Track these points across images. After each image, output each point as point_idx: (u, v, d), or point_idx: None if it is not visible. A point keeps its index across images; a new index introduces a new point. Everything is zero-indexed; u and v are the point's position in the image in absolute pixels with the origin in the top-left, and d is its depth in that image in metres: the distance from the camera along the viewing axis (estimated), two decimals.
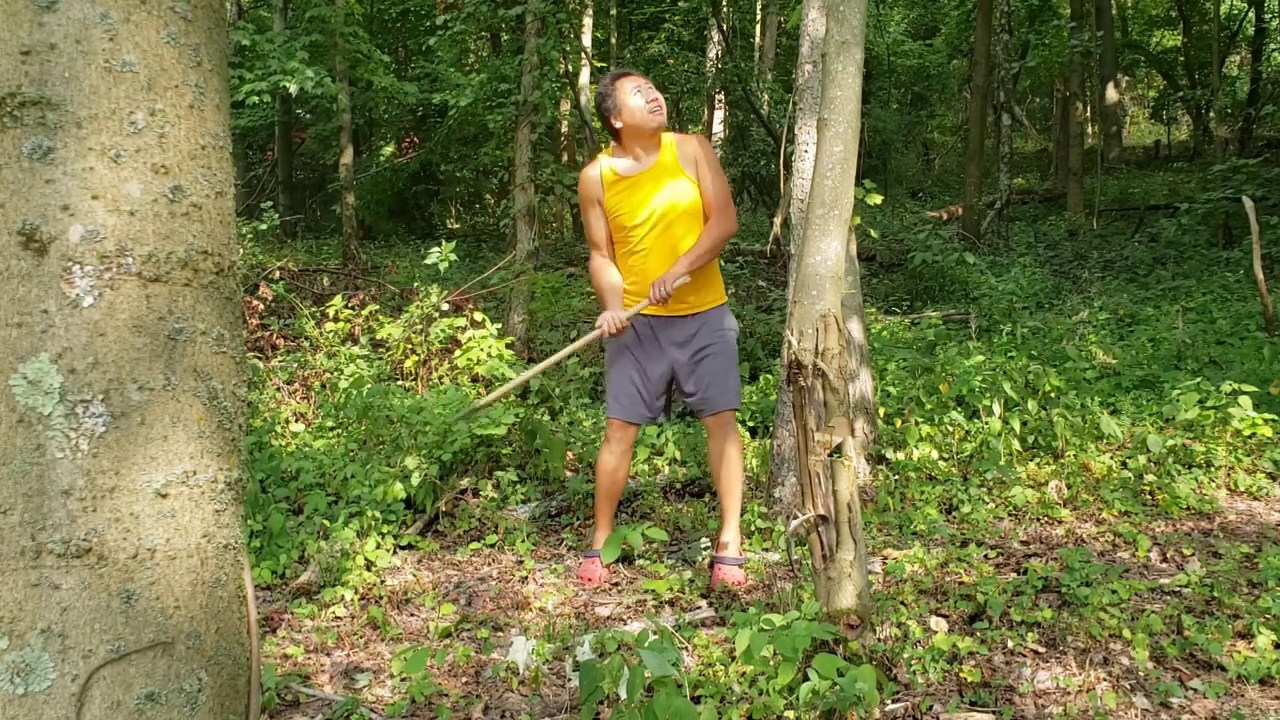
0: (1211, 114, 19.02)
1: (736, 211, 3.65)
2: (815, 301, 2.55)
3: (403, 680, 2.79)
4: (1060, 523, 4.00)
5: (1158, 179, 18.55)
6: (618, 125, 3.50)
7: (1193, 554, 3.55)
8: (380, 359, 6.52)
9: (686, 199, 3.51)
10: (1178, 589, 3.20)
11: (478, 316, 6.63)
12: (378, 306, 7.45)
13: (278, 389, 5.87)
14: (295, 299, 7.94)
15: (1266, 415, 4.54)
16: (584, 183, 3.61)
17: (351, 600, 3.40)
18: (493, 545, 4.04)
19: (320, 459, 4.48)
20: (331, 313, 6.81)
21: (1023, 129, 20.93)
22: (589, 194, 3.60)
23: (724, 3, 15.60)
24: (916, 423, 4.83)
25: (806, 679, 2.31)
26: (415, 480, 4.16)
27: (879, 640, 2.62)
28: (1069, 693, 2.55)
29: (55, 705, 1.42)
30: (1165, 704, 2.49)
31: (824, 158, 2.60)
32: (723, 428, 3.63)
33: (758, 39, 18.58)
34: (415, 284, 7.81)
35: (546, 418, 5.08)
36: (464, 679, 2.82)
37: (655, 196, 3.51)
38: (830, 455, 2.51)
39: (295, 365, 6.29)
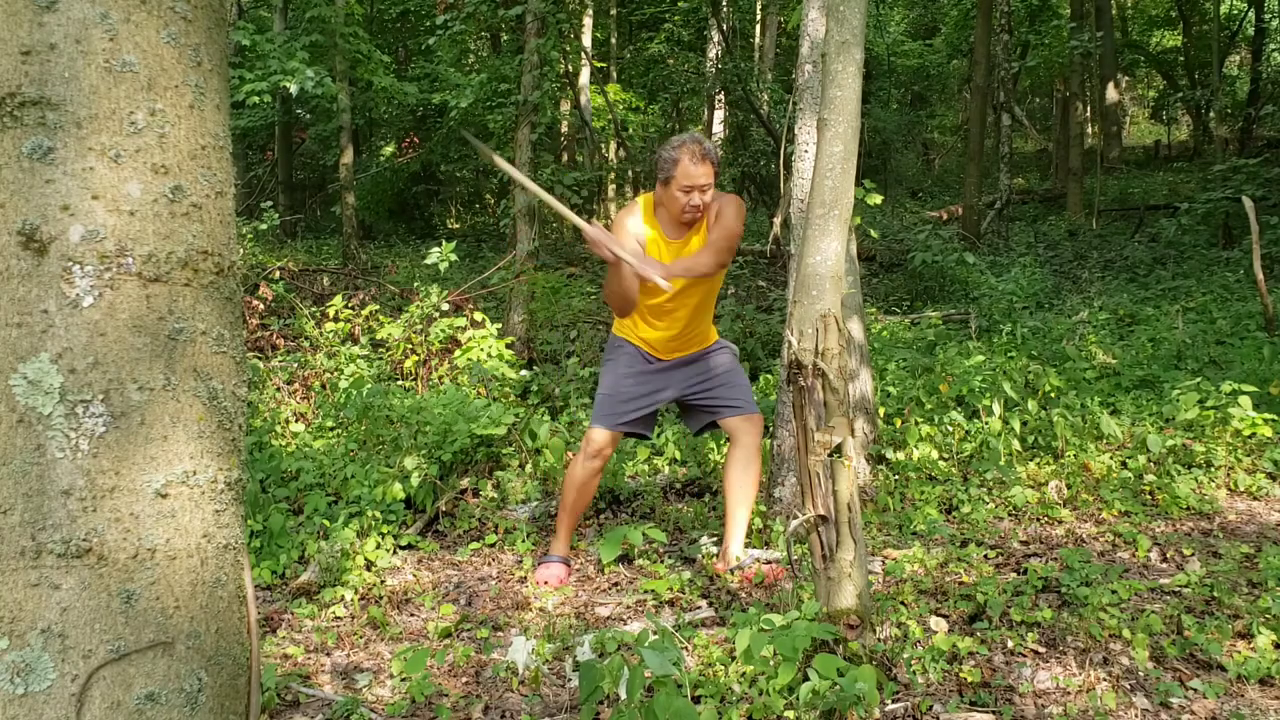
0: (1211, 114, 19.02)
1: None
2: (815, 301, 2.55)
3: (403, 680, 2.79)
4: (1060, 523, 4.00)
5: (1158, 179, 18.55)
6: (659, 188, 3.44)
7: (1193, 554, 3.55)
8: (380, 359, 6.51)
9: (719, 275, 3.54)
10: (1178, 589, 3.20)
11: (478, 316, 6.63)
12: (378, 306, 7.45)
13: (278, 389, 5.87)
14: (295, 299, 7.94)
15: (1266, 415, 4.54)
16: (627, 224, 3.45)
17: (351, 600, 3.40)
18: (493, 545, 4.04)
19: (320, 459, 4.48)
20: (331, 313, 6.81)
21: (1023, 129, 20.94)
22: (628, 231, 3.44)
23: (724, 3, 15.59)
24: (916, 423, 4.83)
25: (806, 679, 2.31)
26: (415, 480, 4.16)
27: (879, 640, 2.62)
28: (1069, 693, 2.55)
29: (55, 705, 1.42)
30: (1165, 704, 2.49)
31: (824, 158, 2.60)
32: (755, 431, 3.62)
33: (758, 39, 18.58)
34: (415, 284, 7.81)
35: (547, 418, 5.08)
36: (464, 679, 2.82)
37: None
38: (830, 455, 2.51)
39: (295, 365, 6.29)
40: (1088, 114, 20.67)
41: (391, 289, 9.50)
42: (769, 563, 3.53)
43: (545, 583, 3.56)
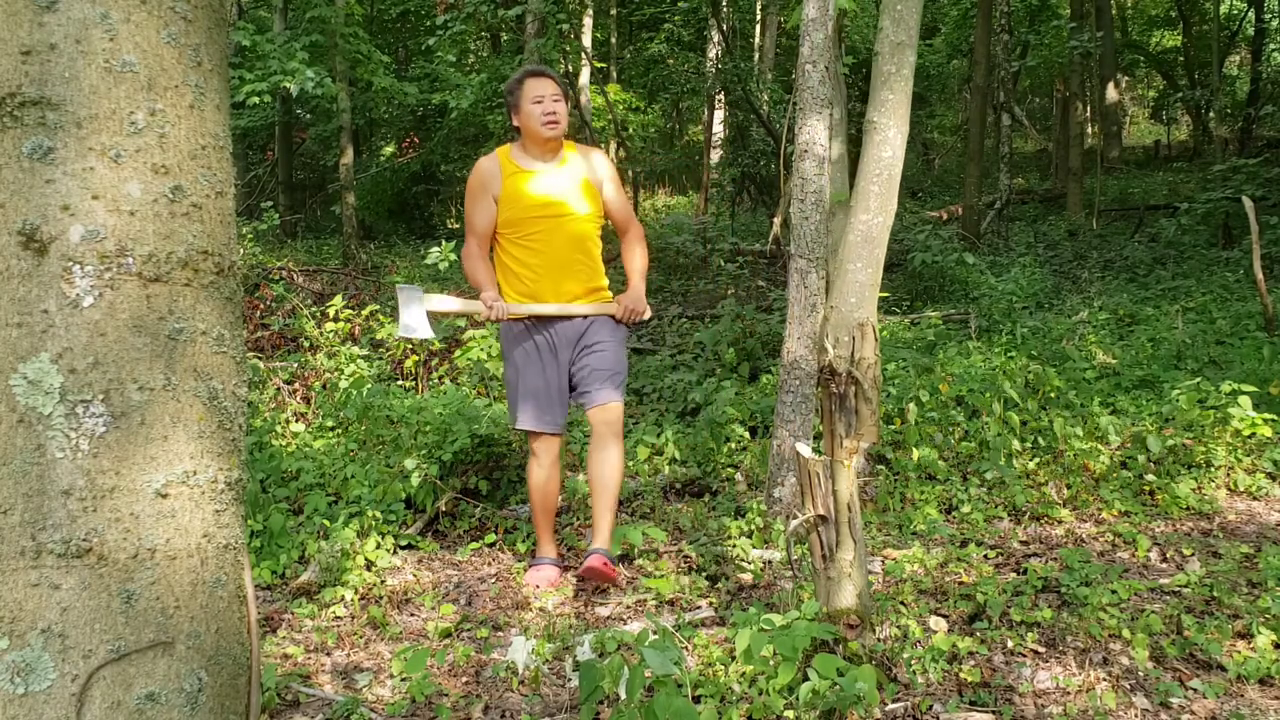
0: (1211, 114, 19.02)
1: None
2: (854, 309, 2.47)
3: (403, 680, 2.79)
4: (1060, 523, 4.00)
5: (1158, 179, 18.54)
6: (515, 123, 3.48)
7: (1193, 554, 3.55)
8: (380, 359, 6.51)
9: (590, 210, 3.49)
10: (1178, 589, 3.20)
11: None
12: (378, 306, 7.45)
13: (278, 389, 5.87)
14: (295, 299, 7.94)
15: (1266, 415, 4.54)
16: (479, 170, 3.47)
17: (351, 600, 3.40)
18: (493, 545, 4.04)
19: (320, 459, 4.48)
20: (331, 313, 6.81)
21: (1023, 129, 20.92)
22: (483, 182, 3.46)
23: (724, 3, 15.59)
24: (916, 423, 4.83)
25: (806, 679, 2.31)
26: (415, 480, 4.17)
27: (879, 640, 2.62)
28: (1069, 693, 2.55)
29: (55, 705, 1.42)
30: (1165, 704, 2.49)
31: (871, 163, 2.52)
32: (610, 423, 3.49)
33: (758, 39, 18.58)
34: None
35: None
36: (464, 679, 2.82)
37: (561, 195, 3.45)
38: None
39: (295, 365, 6.29)
40: (1088, 114, 20.67)
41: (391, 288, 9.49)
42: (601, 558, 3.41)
43: (538, 586, 3.51)
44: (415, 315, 3.43)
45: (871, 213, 2.51)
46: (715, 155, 16.28)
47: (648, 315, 3.57)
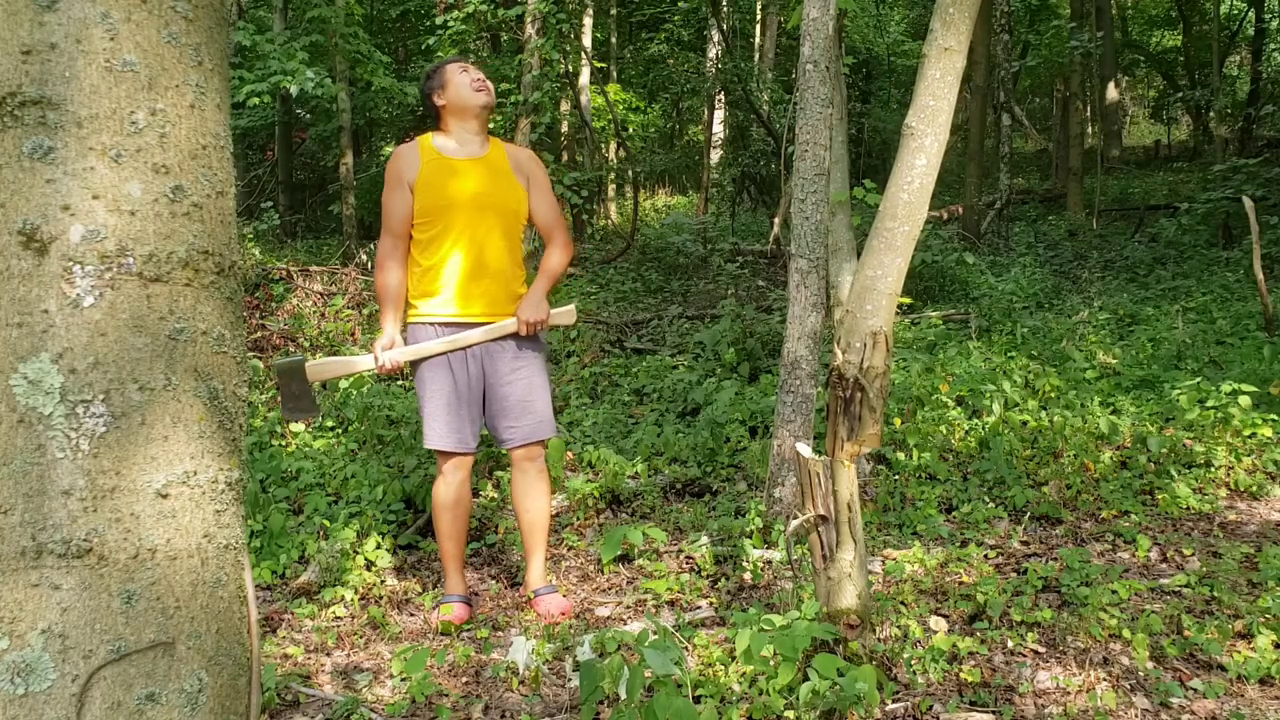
0: (1211, 114, 19.02)
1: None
2: (869, 317, 2.42)
3: (403, 680, 2.79)
4: (1060, 523, 4.00)
5: (1158, 179, 18.53)
6: (440, 103, 3.32)
7: (1193, 554, 3.55)
8: None
9: (513, 202, 3.32)
10: (1178, 589, 3.20)
11: None
12: (378, 306, 7.44)
13: (278, 388, 5.87)
14: (295, 300, 7.94)
15: (1266, 415, 4.54)
16: (397, 158, 3.27)
17: (351, 600, 3.40)
18: (492, 545, 4.04)
19: (320, 459, 4.48)
20: (331, 313, 6.81)
21: (1023, 129, 20.92)
22: (400, 171, 3.25)
23: (724, 3, 15.59)
24: (917, 423, 4.83)
25: (806, 679, 2.31)
26: (415, 480, 4.17)
27: (879, 640, 2.62)
28: (1069, 693, 2.55)
29: (55, 705, 1.42)
30: (1165, 704, 2.49)
31: (903, 170, 2.44)
32: (535, 459, 3.37)
33: (758, 39, 18.57)
34: None
35: None
36: (464, 679, 2.82)
37: (481, 185, 3.27)
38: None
39: None
40: (1088, 114, 20.66)
41: None
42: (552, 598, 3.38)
43: (444, 620, 3.22)
44: (299, 394, 3.17)
45: (898, 220, 2.42)
46: (715, 155, 16.28)
47: (557, 322, 3.35)
